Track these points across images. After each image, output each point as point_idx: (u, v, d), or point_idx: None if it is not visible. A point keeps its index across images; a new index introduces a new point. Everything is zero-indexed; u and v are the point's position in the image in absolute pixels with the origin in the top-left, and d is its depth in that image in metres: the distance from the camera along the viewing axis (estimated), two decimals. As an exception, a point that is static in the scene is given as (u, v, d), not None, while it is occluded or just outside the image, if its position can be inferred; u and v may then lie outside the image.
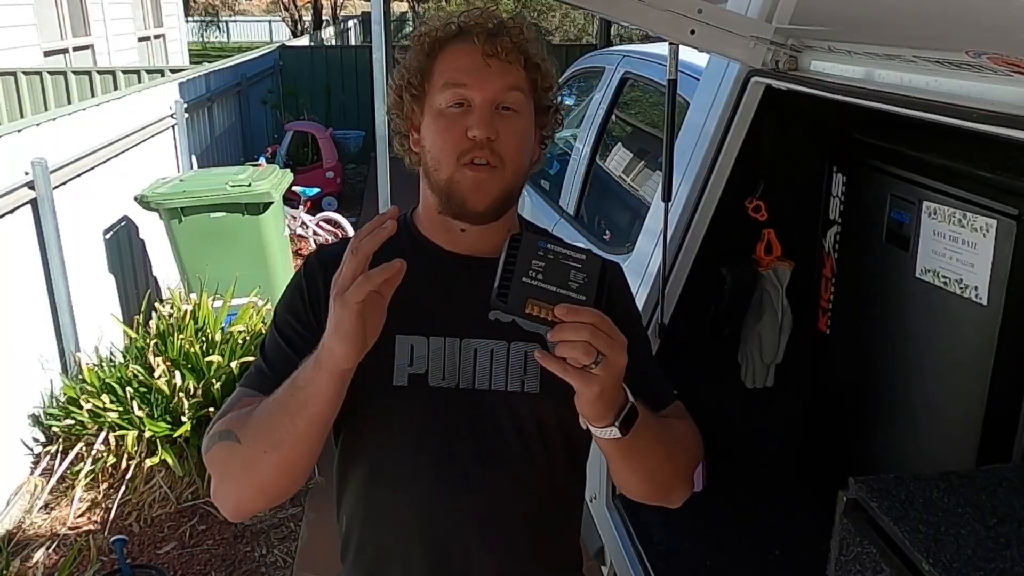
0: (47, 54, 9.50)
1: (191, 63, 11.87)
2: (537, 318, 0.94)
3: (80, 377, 3.80)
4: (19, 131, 3.82)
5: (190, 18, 24.70)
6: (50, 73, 7.92)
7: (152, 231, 5.08)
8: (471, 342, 1.14)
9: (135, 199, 4.57)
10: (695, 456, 1.21)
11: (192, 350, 3.76)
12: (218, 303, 4.20)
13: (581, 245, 1.00)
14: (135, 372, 3.69)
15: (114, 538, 2.86)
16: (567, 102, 4.07)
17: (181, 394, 3.57)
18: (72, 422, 3.61)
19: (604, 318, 0.92)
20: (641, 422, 1.02)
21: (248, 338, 3.93)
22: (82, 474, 3.51)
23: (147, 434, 3.50)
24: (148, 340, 3.88)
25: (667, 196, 1.82)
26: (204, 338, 3.89)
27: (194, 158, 6.39)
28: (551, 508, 1.20)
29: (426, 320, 1.14)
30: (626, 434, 1.00)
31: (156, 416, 3.55)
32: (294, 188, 6.30)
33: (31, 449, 3.69)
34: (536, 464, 1.16)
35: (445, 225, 1.17)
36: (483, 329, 1.08)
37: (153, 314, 4.05)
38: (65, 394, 3.75)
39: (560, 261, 0.96)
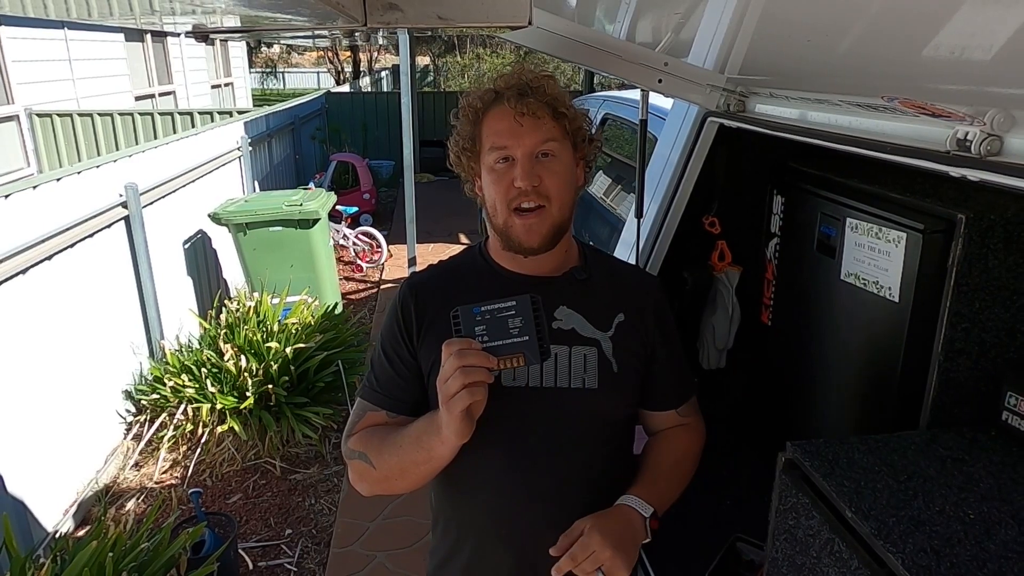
0: (137, 98, 9.53)
1: (254, 106, 11.86)
2: (509, 368, 0.96)
3: (164, 360, 3.81)
4: (115, 161, 3.83)
5: (253, 69, 24.71)
6: (140, 114, 7.93)
7: (222, 242, 5.10)
8: None
9: (209, 216, 4.58)
10: (699, 453, 1.26)
11: (255, 338, 3.76)
12: (276, 300, 4.21)
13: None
14: (208, 356, 3.70)
15: (191, 490, 2.86)
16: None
17: (246, 374, 3.57)
18: (157, 396, 3.62)
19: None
20: (664, 498, 1.12)
21: (300, 328, 3.93)
22: (165, 439, 3.53)
23: (218, 406, 3.51)
24: (219, 330, 3.89)
25: (639, 213, 1.83)
26: (264, 328, 3.90)
27: (256, 183, 6.39)
28: (605, 483, 1.16)
29: None
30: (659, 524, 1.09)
31: (225, 392, 3.56)
32: (337, 207, 6.32)
33: (124, 418, 3.70)
34: (594, 449, 1.13)
35: (509, 254, 1.16)
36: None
37: (223, 309, 4.05)
38: (152, 374, 3.77)
39: (497, 316, 0.96)
